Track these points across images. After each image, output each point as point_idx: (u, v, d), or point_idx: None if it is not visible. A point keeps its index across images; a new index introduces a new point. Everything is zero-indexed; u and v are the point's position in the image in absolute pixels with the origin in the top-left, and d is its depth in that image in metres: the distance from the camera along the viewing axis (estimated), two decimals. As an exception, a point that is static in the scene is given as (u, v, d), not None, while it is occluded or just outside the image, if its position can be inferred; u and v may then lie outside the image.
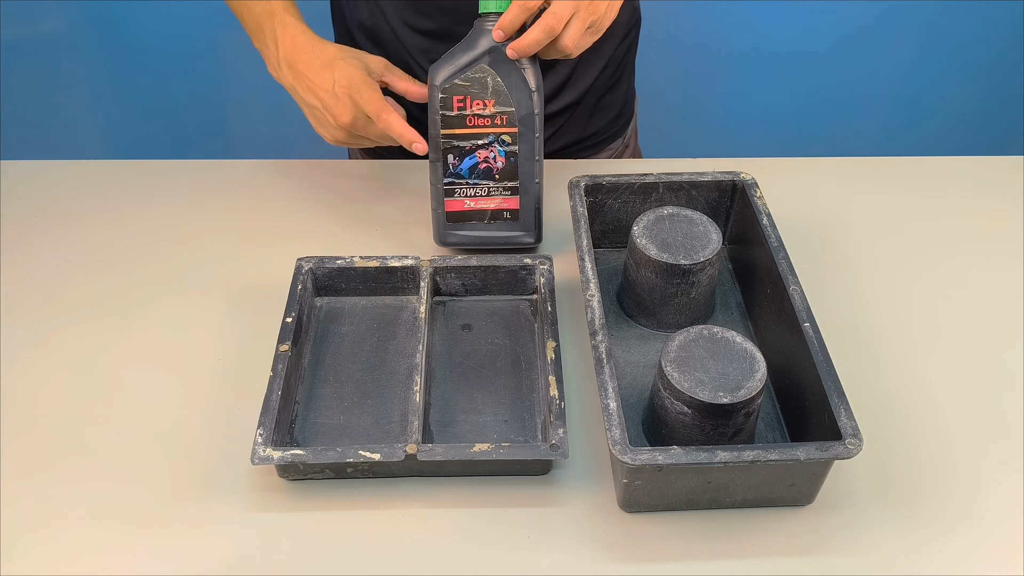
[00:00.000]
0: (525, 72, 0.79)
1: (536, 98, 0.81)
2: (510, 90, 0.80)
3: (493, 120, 0.81)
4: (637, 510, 0.68)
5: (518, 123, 0.82)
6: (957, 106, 1.95)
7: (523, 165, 0.84)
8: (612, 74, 1.08)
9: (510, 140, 0.82)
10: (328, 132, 0.86)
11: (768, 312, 0.78)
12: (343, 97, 0.82)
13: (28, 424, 0.74)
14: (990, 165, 1.03)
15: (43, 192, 0.98)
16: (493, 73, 0.79)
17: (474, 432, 0.73)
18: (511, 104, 0.81)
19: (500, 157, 0.83)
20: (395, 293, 0.84)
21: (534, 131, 0.82)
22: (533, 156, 0.83)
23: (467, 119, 0.81)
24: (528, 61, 0.79)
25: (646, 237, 0.79)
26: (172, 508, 0.68)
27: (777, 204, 0.87)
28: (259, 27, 0.88)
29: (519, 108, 0.81)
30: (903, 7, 1.78)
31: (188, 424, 0.74)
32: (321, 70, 0.84)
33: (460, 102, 0.80)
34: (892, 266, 0.89)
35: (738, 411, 0.65)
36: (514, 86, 0.80)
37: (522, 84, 0.80)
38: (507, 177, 0.84)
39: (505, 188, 0.85)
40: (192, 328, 0.82)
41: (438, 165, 0.84)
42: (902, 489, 0.70)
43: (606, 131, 1.12)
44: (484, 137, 0.82)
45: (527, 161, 0.84)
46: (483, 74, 0.79)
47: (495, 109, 0.81)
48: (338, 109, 0.83)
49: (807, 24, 1.81)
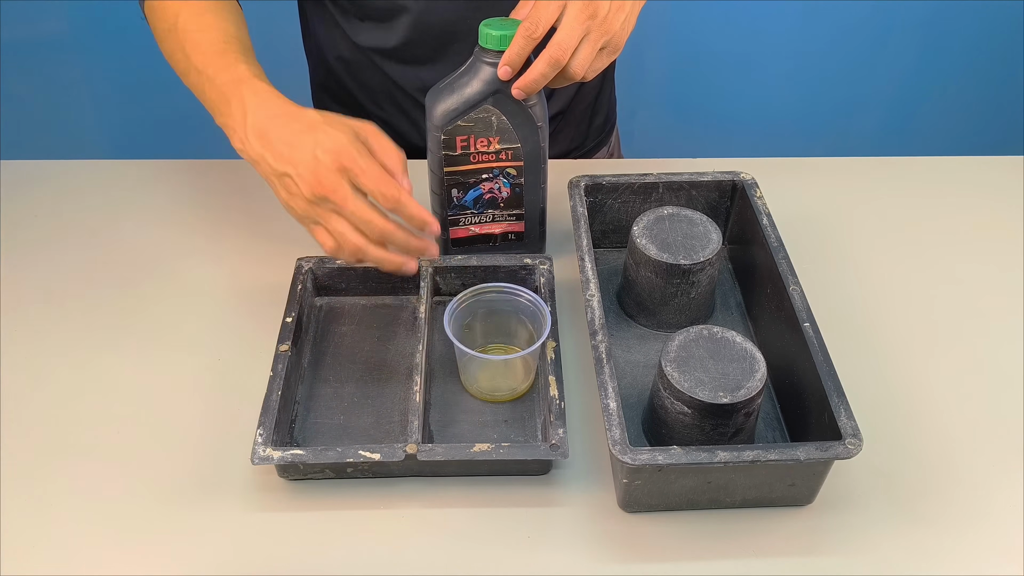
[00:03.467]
0: (532, 109, 0.76)
1: (542, 132, 0.78)
2: (515, 128, 0.77)
3: (498, 156, 0.79)
4: (637, 510, 0.68)
5: (524, 157, 0.79)
6: (957, 106, 1.95)
7: (528, 193, 0.82)
8: (596, 83, 1.07)
9: (515, 173, 0.81)
10: (297, 205, 0.72)
11: (768, 312, 0.78)
12: (325, 161, 0.69)
13: (28, 424, 0.74)
14: (990, 165, 1.03)
15: (43, 192, 0.98)
16: (498, 112, 0.76)
17: (474, 432, 0.73)
18: (517, 141, 0.78)
19: (505, 188, 0.81)
20: (395, 293, 0.84)
21: (540, 162, 0.80)
22: (539, 184, 0.82)
23: (471, 156, 0.79)
24: (535, 96, 0.76)
25: (646, 237, 0.79)
26: (172, 508, 0.68)
27: (777, 204, 0.87)
28: (223, 98, 0.76)
29: (525, 144, 0.78)
30: (903, 7, 1.78)
31: (188, 424, 0.74)
32: (300, 134, 0.71)
33: (463, 142, 0.77)
34: (892, 266, 0.89)
35: (738, 411, 0.65)
36: (519, 124, 0.77)
37: (528, 121, 0.77)
38: (512, 206, 0.83)
39: (510, 215, 0.84)
40: (192, 328, 0.82)
41: (441, 197, 0.82)
42: (902, 489, 0.70)
43: (592, 140, 1.12)
44: (489, 172, 0.80)
45: (533, 189, 0.82)
46: (487, 114, 0.76)
47: (500, 146, 0.78)
48: (317, 175, 0.69)
49: (807, 24, 1.81)
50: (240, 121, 0.74)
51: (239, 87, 0.75)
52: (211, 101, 0.78)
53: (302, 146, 0.70)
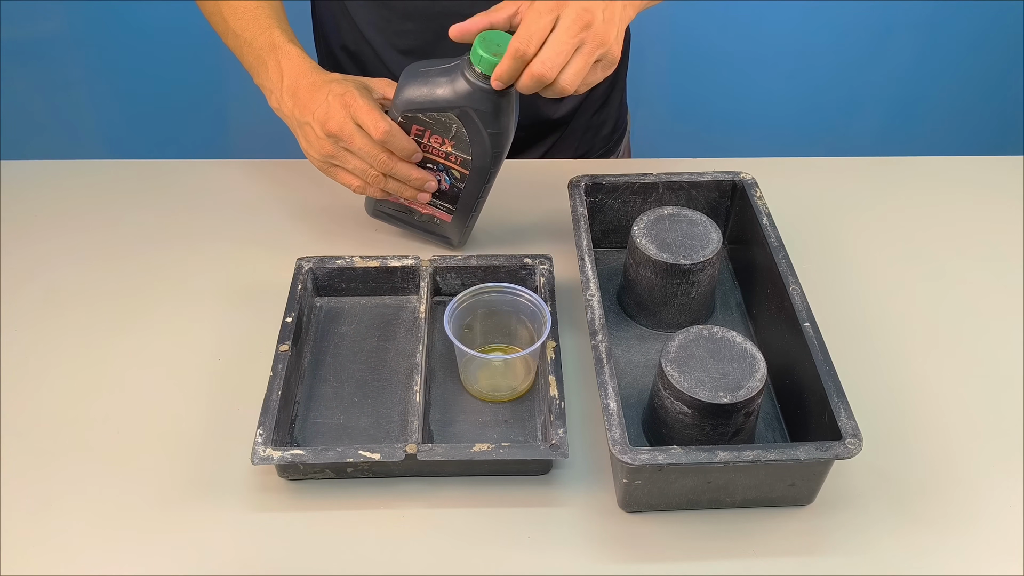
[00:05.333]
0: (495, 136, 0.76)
1: (496, 160, 0.78)
2: (472, 143, 0.77)
3: (448, 156, 0.79)
4: (637, 510, 0.68)
5: (471, 170, 0.79)
6: (957, 106, 1.95)
7: (465, 199, 0.83)
8: (603, 91, 1.07)
9: (459, 176, 0.81)
10: (314, 147, 0.81)
11: (768, 312, 0.78)
12: (334, 104, 0.78)
13: (28, 424, 0.74)
14: (990, 165, 1.03)
15: (43, 192, 0.98)
16: (459, 123, 0.76)
17: (474, 432, 0.73)
18: (469, 153, 0.78)
19: (446, 183, 0.82)
20: (395, 293, 0.84)
21: (486, 180, 0.81)
22: (477, 196, 0.82)
23: (422, 145, 0.79)
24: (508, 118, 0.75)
25: (646, 237, 0.79)
26: (172, 508, 0.68)
27: (777, 204, 0.87)
28: (261, 61, 0.85)
29: (476, 159, 0.78)
30: (903, 7, 1.78)
31: (188, 424, 0.74)
32: (319, 88, 0.80)
33: (419, 131, 0.78)
34: (892, 266, 0.89)
35: (738, 411, 0.65)
36: (476, 142, 0.77)
37: (484, 144, 0.77)
38: (447, 199, 0.83)
39: (442, 206, 0.84)
40: (192, 328, 0.82)
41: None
42: (902, 489, 0.70)
43: (598, 149, 1.11)
44: (435, 164, 0.81)
45: (471, 195, 0.82)
46: (449, 120, 0.76)
47: (452, 150, 0.78)
48: (327, 115, 0.78)
49: (807, 24, 1.81)
50: (277, 83, 0.83)
51: (275, 52, 0.84)
52: (249, 64, 0.87)
53: (318, 97, 0.79)
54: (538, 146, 1.06)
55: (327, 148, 0.80)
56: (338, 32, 1.02)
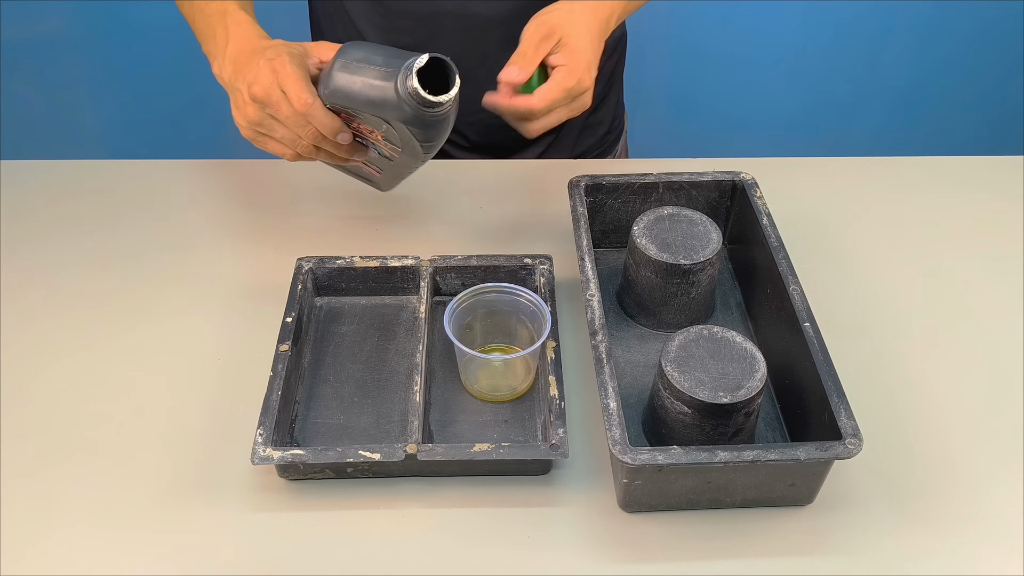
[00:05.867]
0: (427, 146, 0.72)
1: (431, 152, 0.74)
2: (402, 144, 0.73)
3: (378, 141, 0.75)
4: (637, 510, 0.68)
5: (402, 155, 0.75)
6: (957, 106, 1.95)
7: (395, 169, 0.79)
8: (600, 90, 1.07)
9: (388, 154, 0.77)
10: (241, 112, 0.75)
11: (768, 312, 0.78)
12: (264, 68, 0.72)
13: (28, 424, 0.74)
14: (990, 165, 1.03)
15: (43, 192, 0.98)
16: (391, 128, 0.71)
17: (474, 432, 0.73)
18: (399, 145, 0.73)
19: (374, 152, 0.77)
20: (395, 293, 0.84)
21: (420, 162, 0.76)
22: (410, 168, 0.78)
23: (351, 124, 0.74)
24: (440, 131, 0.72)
25: (646, 237, 0.79)
26: (172, 508, 0.68)
27: (777, 204, 0.87)
28: (210, 28, 0.82)
29: (406, 152, 0.74)
30: (903, 7, 1.78)
31: (188, 424, 0.74)
32: (257, 54, 0.75)
33: (348, 117, 0.73)
34: (892, 266, 0.89)
35: (738, 411, 0.65)
36: (407, 145, 0.72)
37: (415, 148, 0.72)
38: (377, 166, 0.80)
39: (372, 164, 0.80)
40: (192, 328, 0.82)
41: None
42: (902, 489, 0.70)
43: (596, 148, 1.11)
44: (363, 140, 0.76)
45: (401, 168, 0.79)
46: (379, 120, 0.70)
47: (381, 140, 0.74)
48: (254, 79, 0.72)
49: (807, 24, 1.81)
50: (222, 49, 0.80)
51: (224, 18, 0.81)
52: (199, 30, 0.85)
53: (253, 62, 0.75)
54: (535, 146, 1.06)
55: (253, 114, 0.74)
56: (335, 31, 1.02)
